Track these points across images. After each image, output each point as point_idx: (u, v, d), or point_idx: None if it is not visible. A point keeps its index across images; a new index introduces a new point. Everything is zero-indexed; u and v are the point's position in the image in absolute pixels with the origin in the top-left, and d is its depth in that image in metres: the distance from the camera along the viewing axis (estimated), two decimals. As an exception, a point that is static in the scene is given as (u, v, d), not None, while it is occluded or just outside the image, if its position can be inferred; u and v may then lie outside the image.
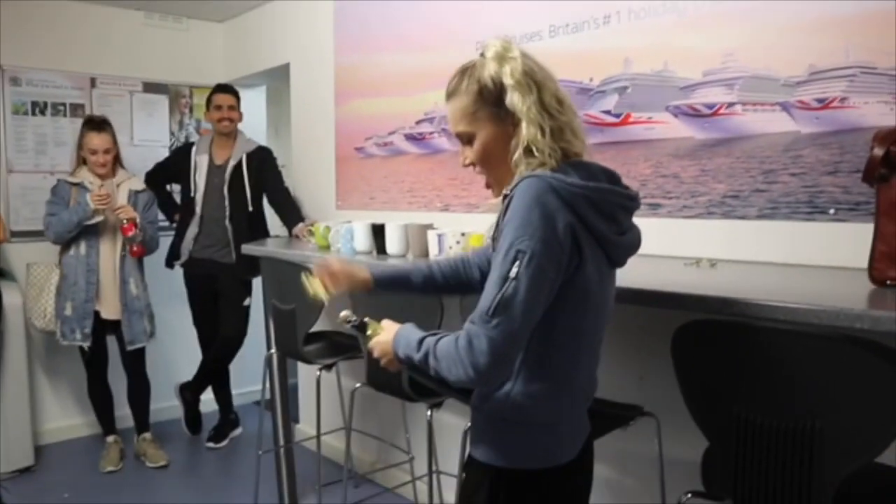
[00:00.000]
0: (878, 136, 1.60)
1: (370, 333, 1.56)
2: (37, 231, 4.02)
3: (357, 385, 2.67)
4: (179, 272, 4.14)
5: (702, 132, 2.29)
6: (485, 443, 1.48)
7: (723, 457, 1.53)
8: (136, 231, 3.66)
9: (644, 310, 1.73)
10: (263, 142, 4.50)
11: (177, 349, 4.52)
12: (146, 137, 4.64)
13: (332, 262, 1.76)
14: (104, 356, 3.91)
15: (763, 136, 2.15)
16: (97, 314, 3.75)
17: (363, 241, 2.78)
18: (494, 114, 1.43)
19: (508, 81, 1.39)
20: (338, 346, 3.04)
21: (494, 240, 1.39)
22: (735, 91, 2.19)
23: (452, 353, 1.32)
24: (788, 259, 2.08)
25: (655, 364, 2.04)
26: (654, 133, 2.41)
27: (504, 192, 1.38)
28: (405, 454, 3.31)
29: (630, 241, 1.47)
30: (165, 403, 4.41)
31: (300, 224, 3.66)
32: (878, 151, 1.57)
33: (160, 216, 4.07)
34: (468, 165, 1.52)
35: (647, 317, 1.93)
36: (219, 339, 4.07)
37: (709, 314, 1.55)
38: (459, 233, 2.40)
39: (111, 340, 3.90)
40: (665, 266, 2.18)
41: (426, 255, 2.51)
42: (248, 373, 4.42)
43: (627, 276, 1.58)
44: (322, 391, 3.07)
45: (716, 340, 1.53)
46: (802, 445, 1.40)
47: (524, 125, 1.38)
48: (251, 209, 3.91)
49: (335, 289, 1.74)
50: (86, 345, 3.74)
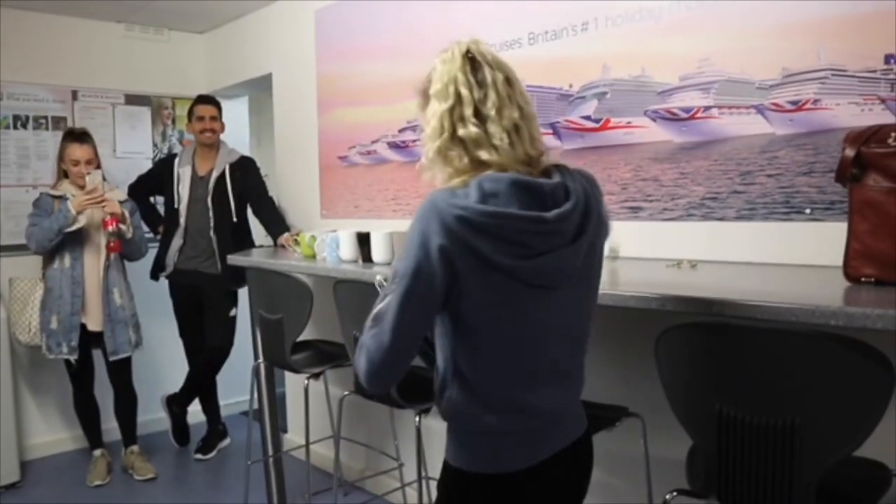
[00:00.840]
0: (850, 137, 1.64)
1: None
2: (20, 245, 3.99)
3: (345, 393, 2.68)
4: (165, 284, 4.13)
5: (680, 136, 2.33)
6: (449, 445, 1.52)
7: (706, 455, 1.56)
8: (119, 227, 3.62)
9: (628, 312, 1.75)
10: (246, 152, 4.51)
11: (163, 361, 4.51)
12: (129, 149, 4.63)
13: None
14: (90, 369, 3.89)
15: (739, 139, 2.19)
16: (83, 326, 3.73)
17: (349, 250, 2.79)
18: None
19: (431, 89, 1.40)
20: (325, 355, 3.05)
21: None
22: (711, 95, 2.23)
23: (359, 345, 1.40)
24: (767, 259, 2.12)
25: (640, 365, 2.07)
26: (634, 137, 2.45)
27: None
28: (394, 461, 3.32)
29: (557, 264, 1.35)
30: (153, 416, 4.40)
31: (285, 234, 3.67)
32: (850, 152, 1.61)
33: (145, 228, 4.06)
34: None
35: (631, 319, 1.96)
36: (205, 350, 4.06)
37: (689, 315, 1.58)
38: (444, 239, 2.41)
39: (97, 354, 3.88)
40: (647, 268, 2.22)
41: (411, 262, 2.52)
42: (236, 383, 4.41)
43: (612, 279, 1.60)
44: (310, 400, 3.08)
45: (696, 341, 1.55)
46: (783, 441, 1.43)
47: (424, 136, 1.41)
48: (235, 220, 3.91)
49: None
50: (73, 358, 3.71)
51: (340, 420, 2.87)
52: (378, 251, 2.65)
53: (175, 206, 3.98)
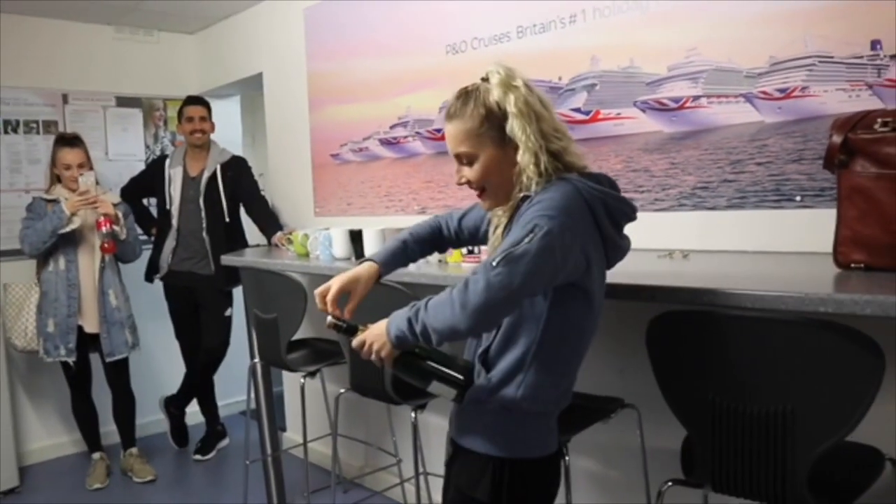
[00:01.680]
0: (837, 124, 1.65)
1: (360, 332, 1.57)
2: (14, 250, 4.00)
3: (341, 391, 2.68)
4: (160, 286, 4.13)
5: (670, 126, 2.33)
6: (483, 435, 1.54)
7: (700, 444, 1.57)
8: (113, 228, 3.62)
9: (621, 303, 1.75)
10: (240, 151, 4.51)
11: (160, 362, 4.51)
12: (121, 152, 4.62)
13: (324, 293, 1.75)
14: (88, 372, 3.88)
15: (729, 128, 2.19)
16: (80, 329, 3.72)
17: (341, 248, 2.79)
18: (498, 138, 1.51)
19: (512, 109, 1.47)
20: (321, 353, 3.04)
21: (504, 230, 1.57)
22: (700, 84, 2.23)
23: (444, 298, 1.40)
24: (759, 247, 2.12)
25: (634, 356, 2.06)
26: (624, 128, 2.45)
27: (525, 195, 1.49)
28: (392, 457, 3.32)
29: (625, 246, 1.60)
30: (151, 417, 4.40)
31: (279, 233, 3.67)
32: (837, 139, 1.61)
33: (138, 230, 4.06)
34: (463, 184, 1.60)
35: (625, 310, 1.96)
36: (202, 351, 4.06)
37: (680, 305, 1.58)
38: (436, 235, 2.41)
39: (95, 357, 3.88)
40: (639, 259, 2.21)
41: (404, 258, 2.52)
42: (233, 383, 4.41)
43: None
44: (307, 398, 3.08)
45: (687, 331, 1.56)
46: (776, 428, 1.43)
47: (521, 152, 1.48)
48: (228, 220, 3.90)
49: (348, 311, 1.74)
50: (71, 360, 3.70)
51: (337, 417, 2.86)
52: (370, 248, 2.65)
53: (167, 208, 3.98)
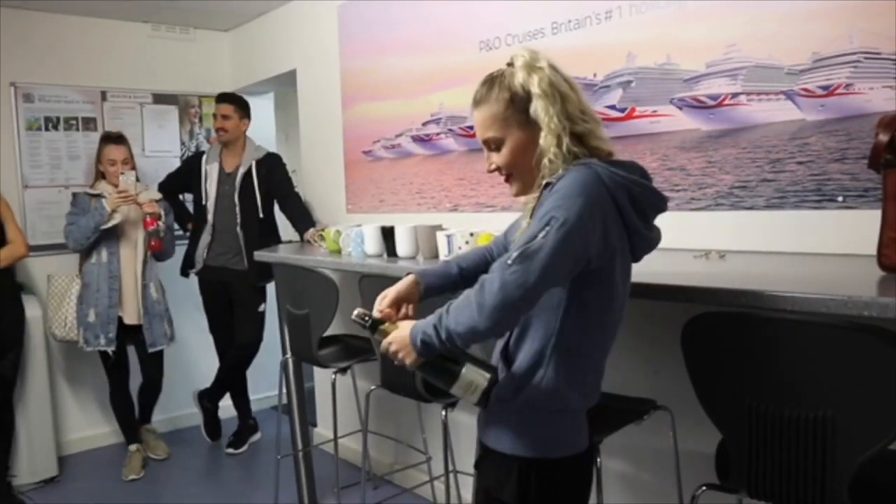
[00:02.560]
0: (883, 122, 1.60)
1: (384, 328, 1.56)
2: (55, 245, 4.10)
3: (372, 387, 2.68)
4: (195, 280, 4.17)
5: (707, 124, 2.28)
6: (509, 434, 1.52)
7: (736, 449, 1.53)
8: (158, 225, 3.80)
9: (655, 303, 1.73)
10: (273, 148, 4.54)
11: (194, 356, 4.57)
12: (157, 148, 4.67)
13: (385, 303, 1.69)
14: (126, 363, 3.97)
15: (768, 126, 2.14)
16: (119, 320, 3.82)
17: (373, 244, 2.79)
18: (523, 120, 1.49)
19: (535, 90, 1.46)
20: (352, 349, 3.05)
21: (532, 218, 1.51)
22: (739, 81, 2.18)
23: (462, 301, 1.39)
24: (798, 248, 2.07)
25: (668, 357, 2.04)
26: (660, 126, 2.41)
27: (547, 181, 1.45)
28: (422, 454, 3.32)
29: (654, 238, 1.55)
30: (185, 411, 4.46)
31: (311, 229, 3.68)
32: (883, 137, 1.56)
33: (175, 227, 4.13)
34: (494, 171, 1.59)
35: (659, 310, 1.93)
36: (235, 346, 4.10)
37: (718, 306, 1.55)
38: (468, 233, 2.40)
39: (130, 350, 3.95)
40: (675, 259, 2.18)
41: (436, 257, 2.52)
42: (266, 378, 4.45)
43: (638, 270, 1.58)
44: (338, 394, 3.08)
45: (725, 333, 1.53)
46: (815, 435, 1.40)
47: (543, 134, 1.46)
48: (262, 216, 3.93)
49: (401, 315, 1.70)
50: (110, 349, 3.80)
51: (367, 414, 2.87)
52: (402, 245, 2.65)
53: (203, 203, 4.03)
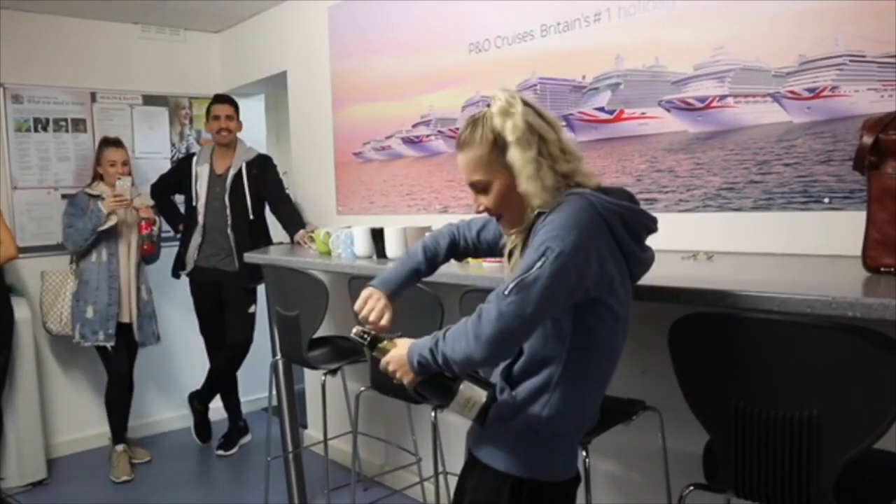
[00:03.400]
0: (867, 124, 1.61)
1: (383, 346, 1.56)
2: (44, 246, 4.10)
3: (362, 389, 2.68)
4: (186, 282, 4.16)
5: (695, 126, 2.30)
6: (504, 452, 1.52)
7: (723, 449, 1.54)
8: (153, 229, 3.92)
9: (644, 304, 1.73)
10: (264, 149, 4.54)
11: (185, 358, 4.56)
12: (147, 150, 4.66)
13: (376, 320, 1.81)
14: (128, 359, 4.00)
15: (756, 128, 2.15)
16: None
17: (363, 246, 2.79)
18: (506, 164, 1.48)
19: (509, 138, 1.45)
20: (342, 351, 3.05)
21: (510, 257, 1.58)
22: (726, 84, 2.20)
23: (460, 329, 1.39)
24: (785, 249, 2.08)
25: (657, 358, 2.04)
26: (648, 128, 2.42)
27: (538, 211, 1.46)
28: (412, 456, 3.32)
29: (648, 259, 1.57)
30: (175, 413, 4.45)
31: (301, 231, 3.68)
32: (868, 139, 1.58)
33: (165, 226, 4.15)
34: (482, 212, 1.60)
35: (648, 311, 1.93)
36: (226, 348, 4.09)
37: (705, 307, 1.56)
38: (457, 234, 2.40)
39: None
40: (663, 260, 2.18)
41: (425, 258, 2.52)
42: (256, 380, 4.44)
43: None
44: (328, 396, 3.08)
45: (711, 333, 1.54)
46: (801, 434, 1.41)
47: (520, 182, 1.46)
48: (252, 217, 3.93)
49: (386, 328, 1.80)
50: (109, 344, 3.86)
51: (357, 415, 2.87)
52: (392, 247, 2.65)
53: (193, 205, 4.02)
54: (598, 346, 1.49)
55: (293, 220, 3.84)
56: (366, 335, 1.59)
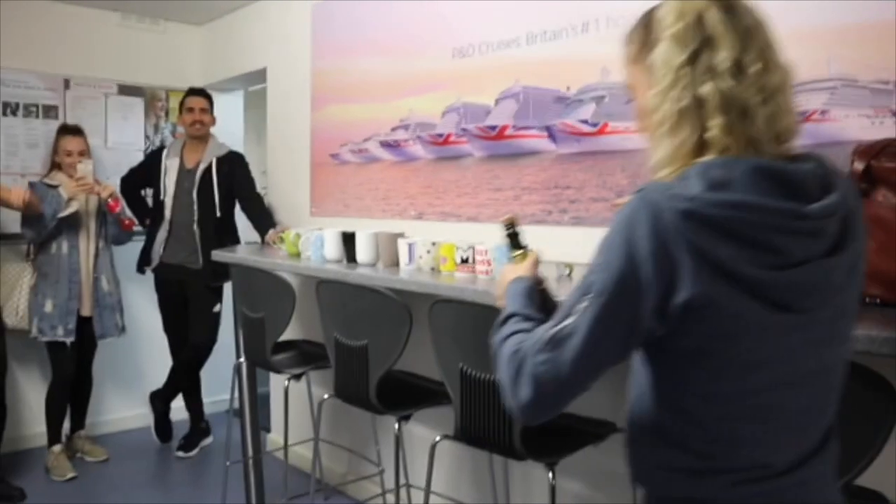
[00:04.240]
0: (858, 151, 1.57)
1: (514, 255, 1.46)
2: (6, 235, 3.93)
3: (325, 396, 2.61)
4: (151, 278, 4.06)
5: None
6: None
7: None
8: (122, 206, 3.85)
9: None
10: (241, 147, 4.48)
11: (149, 354, 4.42)
12: (120, 141, 4.54)
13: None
14: (78, 358, 3.85)
15: (741, 148, 2.10)
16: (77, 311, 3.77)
17: (333, 249, 2.72)
18: (650, 67, 1.09)
19: (665, 32, 1.05)
20: (308, 356, 2.97)
21: None
22: (713, 101, 2.15)
23: (504, 368, 1.12)
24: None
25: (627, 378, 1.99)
26: (632, 143, 2.36)
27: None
28: (375, 466, 3.24)
29: (815, 279, 1.01)
30: (136, 411, 4.32)
31: (271, 231, 3.60)
32: (859, 166, 1.54)
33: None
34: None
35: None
36: (188, 346, 4.00)
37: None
38: (430, 242, 2.34)
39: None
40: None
41: (396, 264, 2.46)
42: (220, 381, 4.31)
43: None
44: (292, 401, 3.01)
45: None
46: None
47: (650, 92, 1.06)
48: (220, 214, 3.85)
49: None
50: (69, 340, 3.73)
51: (319, 422, 2.79)
52: (363, 251, 2.58)
53: (161, 199, 3.94)
54: (689, 395, 1.06)
55: (264, 220, 3.76)
56: (511, 227, 1.49)
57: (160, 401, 4.15)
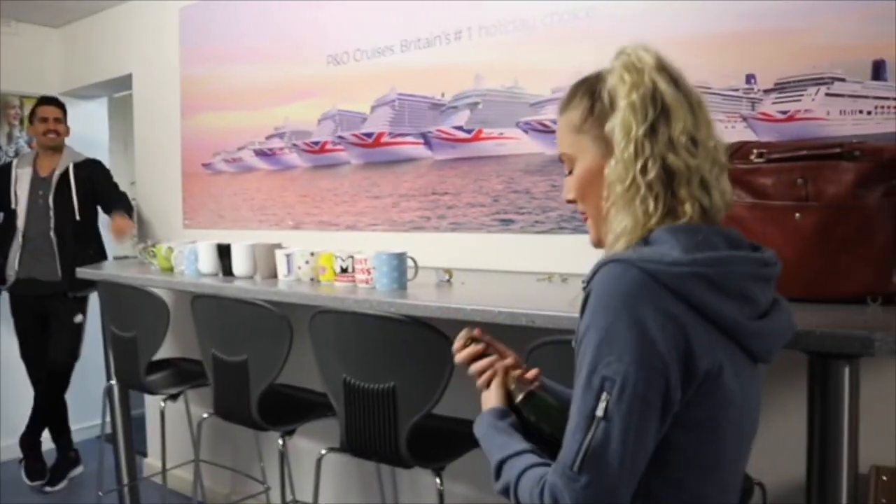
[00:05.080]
0: (715, 152, 1.65)
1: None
2: None
3: (204, 415, 2.51)
4: (5, 298, 3.78)
5: (551, 148, 2.31)
6: None
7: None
8: None
9: (506, 327, 1.70)
10: (106, 157, 4.27)
11: (3, 385, 4.10)
12: (-31, 151, 4.22)
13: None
14: None
15: (609, 153, 2.18)
16: None
17: (208, 263, 2.61)
18: (600, 139, 1.09)
19: (621, 102, 1.06)
20: (185, 374, 2.86)
21: (577, 343, 1.04)
22: (582, 108, 2.22)
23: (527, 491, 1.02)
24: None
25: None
26: (506, 149, 2.41)
27: (581, 281, 1.07)
28: (260, 484, 3.15)
29: (776, 327, 1.07)
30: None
31: (122, 212, 3.47)
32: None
33: None
34: (570, 202, 1.20)
35: (509, 334, 1.90)
36: (47, 363, 3.71)
37: (560, 334, 1.53)
38: (308, 252, 2.30)
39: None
40: (518, 282, 2.18)
41: (274, 276, 2.39)
42: (90, 405, 4.06)
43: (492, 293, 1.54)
44: (169, 422, 2.88)
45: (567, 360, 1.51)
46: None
47: (613, 161, 1.05)
48: (79, 218, 3.66)
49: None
50: None
51: (199, 443, 2.68)
52: (239, 264, 2.50)
53: (13, 208, 3.70)
54: (683, 466, 1.01)
55: (119, 203, 3.61)
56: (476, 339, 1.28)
57: (28, 443, 3.85)
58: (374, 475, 2.72)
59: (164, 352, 2.74)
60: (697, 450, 1.00)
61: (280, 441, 2.27)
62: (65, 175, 3.67)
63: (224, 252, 2.55)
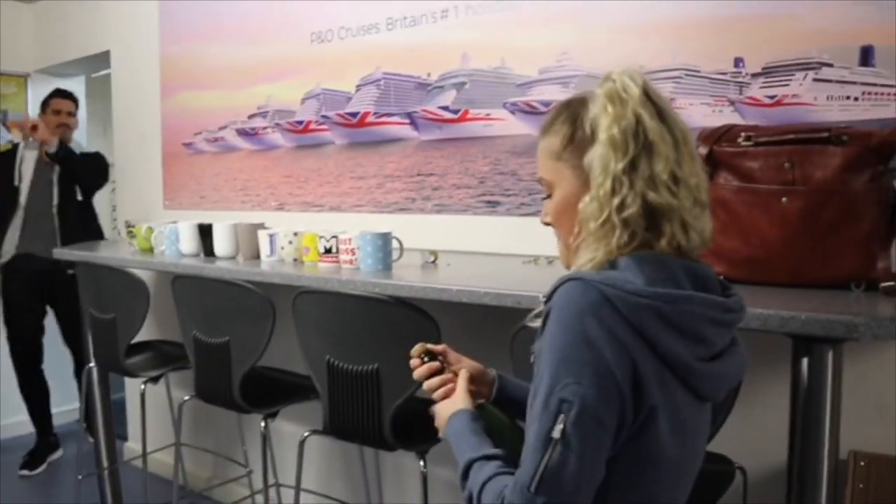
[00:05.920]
0: (702, 136, 1.65)
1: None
2: None
3: (186, 398, 2.49)
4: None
5: (538, 129, 2.29)
6: None
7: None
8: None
9: (487, 309, 1.69)
10: (85, 138, 4.27)
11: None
12: (-58, 131, 4.14)
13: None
14: None
15: (596, 135, 2.17)
16: None
17: (189, 243, 2.58)
18: (578, 168, 1.08)
19: (601, 135, 1.03)
20: (166, 357, 2.82)
21: (535, 359, 1.04)
22: (570, 89, 2.20)
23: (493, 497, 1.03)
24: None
25: (498, 364, 2.02)
26: (493, 130, 2.39)
27: (540, 297, 1.06)
28: (242, 468, 3.14)
29: (727, 370, 1.07)
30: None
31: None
32: (702, 150, 1.61)
33: None
34: (546, 224, 1.18)
35: (490, 317, 1.89)
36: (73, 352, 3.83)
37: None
38: (292, 232, 2.27)
39: None
40: (504, 264, 2.17)
41: (257, 257, 2.37)
42: (70, 389, 4.04)
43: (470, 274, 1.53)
44: (150, 405, 2.85)
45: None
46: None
47: (587, 198, 1.04)
48: (80, 199, 3.72)
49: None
50: None
51: (181, 426, 2.66)
52: (221, 244, 2.47)
53: (15, 185, 3.70)
54: (630, 499, 1.03)
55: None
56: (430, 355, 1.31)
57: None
58: (358, 458, 2.71)
59: (144, 334, 2.70)
60: (639, 478, 1.01)
61: (262, 424, 2.26)
62: None
63: (206, 232, 2.52)
